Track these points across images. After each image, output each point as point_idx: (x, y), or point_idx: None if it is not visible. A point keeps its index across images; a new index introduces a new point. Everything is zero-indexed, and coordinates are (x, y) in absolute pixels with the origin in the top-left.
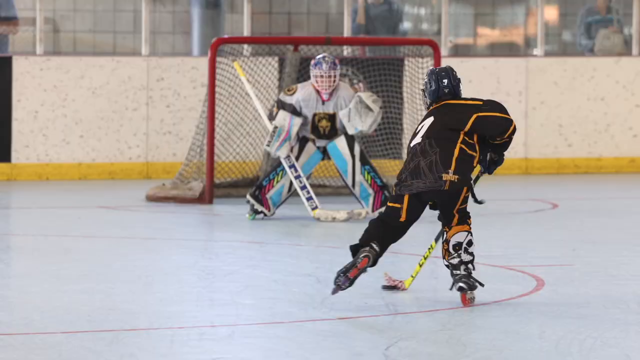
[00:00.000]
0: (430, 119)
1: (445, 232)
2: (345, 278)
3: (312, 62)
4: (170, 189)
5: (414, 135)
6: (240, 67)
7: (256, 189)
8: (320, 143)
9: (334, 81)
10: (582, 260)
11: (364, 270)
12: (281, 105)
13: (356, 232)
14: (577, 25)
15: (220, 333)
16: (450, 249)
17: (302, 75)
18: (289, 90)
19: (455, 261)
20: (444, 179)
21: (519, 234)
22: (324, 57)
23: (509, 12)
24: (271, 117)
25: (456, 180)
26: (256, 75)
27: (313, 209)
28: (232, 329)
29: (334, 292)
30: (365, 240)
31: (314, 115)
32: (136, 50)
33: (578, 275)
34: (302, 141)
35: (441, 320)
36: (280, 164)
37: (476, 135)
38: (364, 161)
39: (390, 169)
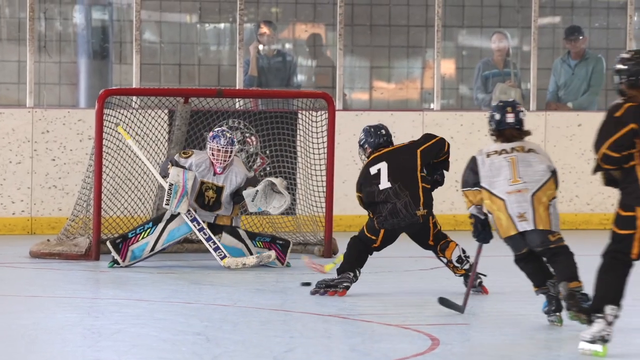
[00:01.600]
0: (384, 165)
1: (441, 258)
2: (324, 291)
3: (211, 134)
4: (55, 245)
5: (372, 179)
6: (125, 131)
7: (120, 237)
8: (200, 214)
9: (230, 157)
10: (478, 318)
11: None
12: (175, 164)
13: (246, 291)
14: (474, 79)
15: None
16: (456, 264)
17: (193, 128)
18: (184, 154)
19: (467, 267)
20: (418, 214)
21: (414, 292)
22: (222, 132)
23: (405, 66)
24: (165, 175)
25: (425, 213)
26: (145, 128)
27: (222, 258)
28: None
29: (313, 293)
30: (351, 266)
31: (202, 183)
32: (20, 101)
33: (474, 334)
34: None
35: None
36: (150, 220)
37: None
38: (252, 236)
39: (283, 224)
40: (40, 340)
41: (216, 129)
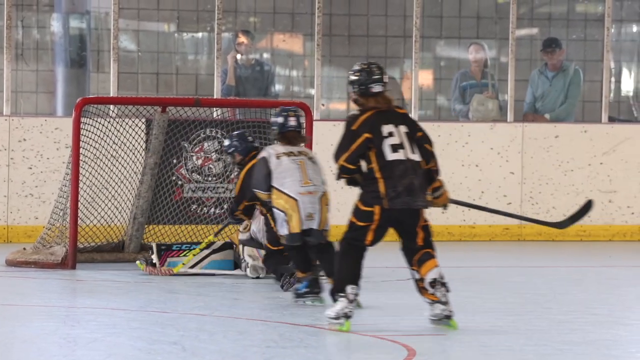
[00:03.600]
0: None
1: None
2: (294, 280)
3: None
4: (32, 254)
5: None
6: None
7: (165, 245)
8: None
9: None
10: (455, 329)
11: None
12: (248, 243)
13: (223, 300)
14: (451, 90)
15: None
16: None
17: (170, 137)
18: (245, 229)
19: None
20: None
21: (390, 302)
22: None
23: None
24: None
25: None
26: (122, 137)
27: None
28: None
29: (285, 287)
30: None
31: None
32: None
33: (450, 345)
34: (227, 245)
35: None
36: (199, 242)
37: None
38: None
39: None
40: (16, 349)
41: None
